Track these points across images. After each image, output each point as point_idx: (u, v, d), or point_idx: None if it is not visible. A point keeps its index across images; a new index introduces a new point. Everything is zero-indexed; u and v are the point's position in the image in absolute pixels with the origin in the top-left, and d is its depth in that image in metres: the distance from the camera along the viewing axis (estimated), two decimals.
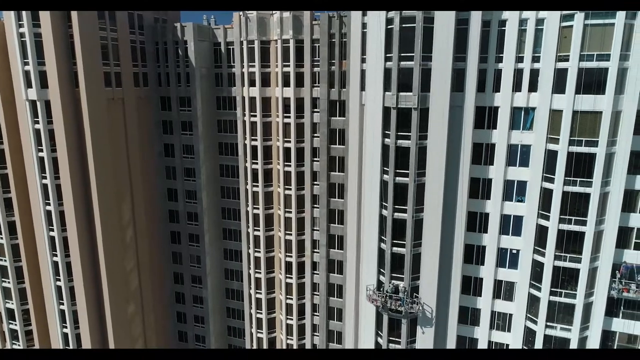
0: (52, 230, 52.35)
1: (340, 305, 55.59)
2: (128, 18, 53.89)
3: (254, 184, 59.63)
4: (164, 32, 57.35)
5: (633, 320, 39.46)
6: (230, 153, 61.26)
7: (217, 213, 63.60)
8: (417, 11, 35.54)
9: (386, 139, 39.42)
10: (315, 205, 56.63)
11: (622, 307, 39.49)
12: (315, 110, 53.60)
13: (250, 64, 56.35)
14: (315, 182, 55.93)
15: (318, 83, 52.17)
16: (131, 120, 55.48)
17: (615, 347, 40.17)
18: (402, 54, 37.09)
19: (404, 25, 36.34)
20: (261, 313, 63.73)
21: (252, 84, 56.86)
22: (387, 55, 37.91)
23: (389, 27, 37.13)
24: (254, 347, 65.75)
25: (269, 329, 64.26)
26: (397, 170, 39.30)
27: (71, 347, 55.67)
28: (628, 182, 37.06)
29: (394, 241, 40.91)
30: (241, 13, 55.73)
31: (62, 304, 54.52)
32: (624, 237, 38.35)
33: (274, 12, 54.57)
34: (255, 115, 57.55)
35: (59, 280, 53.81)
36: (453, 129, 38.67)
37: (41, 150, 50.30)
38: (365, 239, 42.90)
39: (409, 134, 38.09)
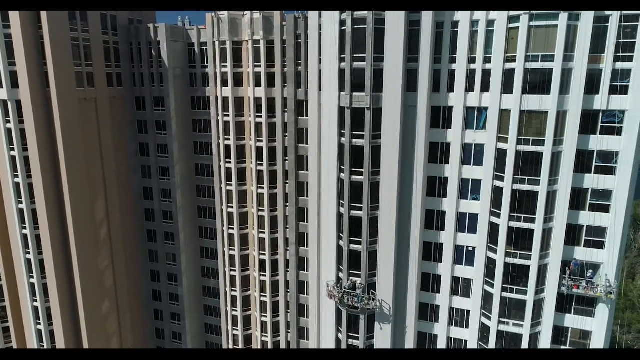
0: (25, 228, 53.38)
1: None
2: (101, 19, 54.85)
3: (228, 182, 60.65)
4: (138, 32, 58.37)
5: (584, 317, 40.34)
6: (205, 152, 62.28)
7: (193, 212, 64.63)
8: (368, 12, 36.49)
9: (342, 138, 40.40)
10: (287, 204, 57.59)
11: (573, 304, 40.36)
12: (286, 110, 54.59)
13: (222, 64, 57.34)
14: (286, 181, 56.90)
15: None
16: (104, 119, 56.45)
17: (567, 342, 41.04)
18: (355, 55, 38.07)
19: (356, 27, 37.32)
20: (236, 311, 64.75)
21: (224, 84, 57.85)
22: (341, 56, 38.87)
23: (342, 28, 38.11)
24: (230, 344, 66.76)
25: (244, 326, 65.28)
26: (353, 169, 40.28)
27: (45, 343, 56.68)
28: (576, 181, 37.94)
29: (351, 238, 41.88)
30: (213, 14, 56.77)
31: (36, 301, 55.56)
32: (574, 235, 39.23)
33: (245, 12, 55.57)
34: (228, 115, 58.56)
35: (32, 277, 54.87)
36: (407, 128, 39.61)
37: (13, 149, 51.33)
38: (324, 236, 43.88)
39: (363, 133, 39.05)
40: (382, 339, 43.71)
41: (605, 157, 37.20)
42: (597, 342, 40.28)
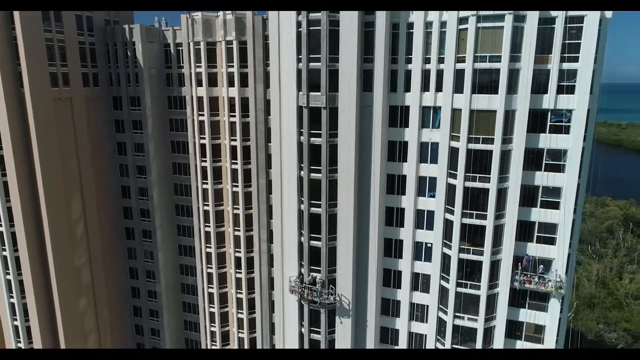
0: (1, 226, 54.60)
1: None
2: (76, 20, 56.05)
3: (204, 181, 61.81)
4: (114, 33, 59.59)
5: (538, 311, 41.40)
6: (182, 151, 63.48)
7: (170, 210, 65.84)
8: (322, 14, 37.63)
9: (300, 137, 41.56)
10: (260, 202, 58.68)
11: (527, 298, 41.43)
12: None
13: (197, 64, 58.50)
14: (262, 180, 57.98)
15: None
16: (80, 119, 57.64)
17: (522, 337, 42.12)
18: (311, 56, 39.22)
19: (311, 28, 38.46)
20: (214, 307, 65.88)
21: (199, 84, 59.00)
22: (298, 56, 40.00)
23: (298, 29, 39.25)
24: (208, 341, 67.86)
25: (222, 323, 66.42)
26: (311, 167, 41.43)
27: (21, 339, 57.91)
28: (527, 178, 39.02)
29: (311, 235, 43.03)
30: (188, 14, 57.92)
31: (12, 297, 56.79)
32: (526, 231, 40.30)
33: (218, 13, 56.73)
34: (203, 115, 59.72)
35: (9, 274, 56.08)
36: (364, 127, 40.74)
37: None
38: (287, 233, 45.02)
39: (320, 132, 40.20)
40: (343, 333, 44.86)
41: (555, 155, 38.28)
42: (550, 336, 41.35)
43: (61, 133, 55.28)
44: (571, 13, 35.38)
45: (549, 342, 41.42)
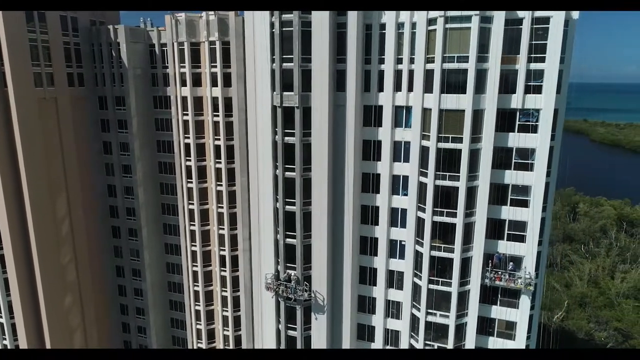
0: None
1: None
2: (61, 20, 56.84)
3: (188, 180, 62.59)
4: (99, 34, 60.40)
5: (509, 308, 42.11)
6: (168, 150, 64.27)
7: (157, 208, 66.62)
8: (294, 15, 38.39)
9: (275, 136, 42.31)
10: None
11: (499, 295, 42.13)
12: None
13: (181, 64, 59.26)
14: (243, 179, 58.73)
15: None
16: (65, 118, 58.45)
17: (494, 333, 42.83)
18: (284, 56, 39.99)
19: (284, 29, 39.24)
20: (199, 305, 66.64)
21: (183, 84, 59.74)
22: (272, 57, 40.74)
23: (272, 30, 40.00)
24: (194, 339, 68.56)
25: (207, 320, 67.19)
26: (286, 166, 42.21)
27: (7, 337, 58.68)
28: (497, 177, 39.75)
29: (287, 232, 43.80)
30: (171, 15, 58.70)
31: None
32: (497, 229, 41.02)
33: (202, 14, 57.49)
34: (187, 114, 60.48)
35: None
36: (338, 126, 41.51)
37: None
38: (263, 231, 45.76)
39: (294, 131, 40.95)
40: (318, 330, 45.60)
41: (523, 154, 39.00)
42: (521, 332, 42.05)
43: (46, 132, 56.08)
44: (537, 14, 36.11)
45: (520, 338, 42.13)
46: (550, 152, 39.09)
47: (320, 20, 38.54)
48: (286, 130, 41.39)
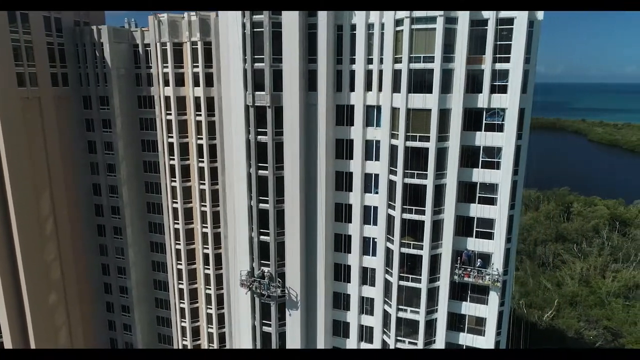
0: None
1: None
2: (44, 21, 57.67)
3: (172, 179, 63.43)
4: (83, 34, 61.23)
5: (479, 304, 42.88)
6: (152, 150, 65.14)
7: (142, 207, 67.46)
8: (264, 16, 39.20)
9: (248, 135, 43.12)
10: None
11: (469, 292, 42.88)
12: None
13: (164, 64, 60.08)
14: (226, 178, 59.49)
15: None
16: (49, 118, 59.31)
17: (465, 329, 43.59)
18: (255, 56, 40.82)
19: (255, 30, 40.04)
20: (184, 303, 67.45)
21: (167, 83, 60.56)
22: (244, 57, 41.54)
23: (244, 30, 40.78)
24: (179, 336, 69.35)
25: (192, 318, 68.01)
26: (259, 164, 43.06)
27: None
28: (465, 175, 40.51)
29: (261, 230, 44.63)
30: (154, 15, 59.52)
31: None
32: (466, 226, 41.79)
33: (184, 14, 58.33)
34: (170, 114, 61.31)
35: None
36: (310, 125, 42.31)
37: None
38: (238, 228, 46.57)
39: (266, 130, 41.77)
40: (292, 326, 46.40)
41: (490, 153, 39.76)
42: (491, 328, 42.80)
43: (29, 131, 56.88)
44: (502, 15, 36.89)
45: (490, 334, 42.89)
46: (518, 151, 39.83)
47: (290, 21, 39.36)
48: (259, 129, 42.25)
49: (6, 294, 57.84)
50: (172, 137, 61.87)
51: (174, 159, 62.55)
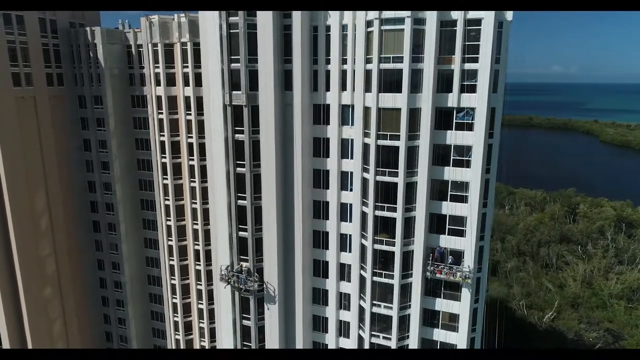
0: None
1: None
2: (39, 23, 59.70)
3: (164, 177, 65.09)
4: (77, 35, 63.17)
5: (452, 301, 43.57)
6: (145, 148, 66.92)
7: (135, 204, 69.28)
8: (239, 17, 40.43)
9: (227, 133, 44.40)
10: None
11: (442, 288, 43.60)
12: None
13: (155, 65, 61.78)
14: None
15: None
16: (44, 117, 61.39)
17: (439, 325, 44.31)
18: (232, 57, 42.08)
19: (231, 31, 41.29)
20: (176, 298, 69.10)
21: (158, 83, 62.22)
22: (222, 57, 42.80)
23: (221, 32, 42.04)
24: (172, 331, 70.94)
25: (184, 313, 69.66)
26: (237, 162, 44.35)
27: None
28: (437, 173, 41.28)
29: (239, 226, 45.92)
30: (146, 17, 61.23)
31: None
32: (439, 224, 42.53)
33: (174, 16, 59.90)
34: (162, 113, 62.97)
35: None
36: (287, 124, 43.43)
37: None
38: (219, 224, 47.88)
39: (243, 128, 43.02)
40: (271, 320, 47.59)
41: (461, 151, 40.47)
42: (464, 325, 43.46)
43: (25, 130, 59.01)
44: (470, 16, 37.61)
45: (463, 330, 43.54)
46: (489, 150, 40.48)
47: (265, 22, 40.55)
48: (236, 128, 43.54)
49: (2, 288, 60.04)
50: (163, 135, 63.54)
51: (165, 157, 64.18)
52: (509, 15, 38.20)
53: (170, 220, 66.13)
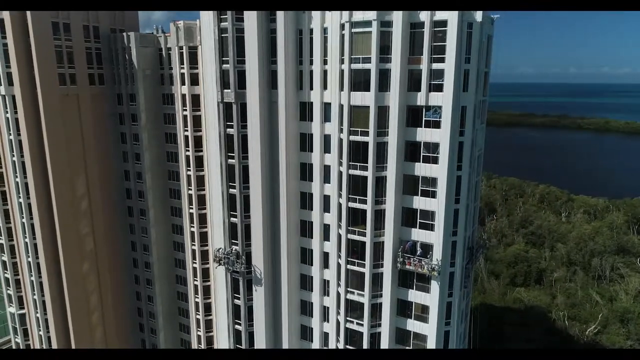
0: (20, 197, 68.37)
1: None
2: (83, 29, 68.28)
3: (187, 168, 71.58)
4: (116, 40, 71.24)
5: (423, 292, 45.23)
6: (173, 142, 73.88)
7: (164, 192, 76.59)
8: (229, 23, 44.94)
9: (220, 128, 49.13)
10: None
11: (415, 280, 45.41)
12: None
13: (181, 66, 68.26)
14: None
15: None
16: (86, 112, 70.00)
17: (412, 315, 46.13)
18: (223, 58, 46.68)
19: (222, 35, 45.90)
20: (197, 281, 75.48)
21: (183, 83, 68.70)
22: (215, 59, 47.56)
23: (214, 35, 46.78)
24: (193, 310, 77.43)
25: (204, 294, 75.81)
26: (228, 154, 48.92)
27: (36, 292, 71.52)
28: (408, 168, 43.26)
29: (231, 212, 50.50)
30: (174, 22, 67.93)
31: (29, 256, 70.54)
32: (410, 217, 44.43)
33: (197, 21, 65.90)
34: (186, 110, 69.43)
35: (26, 238, 69.87)
36: (273, 120, 47.38)
37: (10, 134, 66.30)
38: (214, 210, 52.79)
39: (233, 123, 47.55)
40: (258, 300, 51.74)
41: (430, 148, 42.17)
42: (433, 316, 45.00)
43: (68, 123, 67.77)
44: (436, 17, 39.36)
45: (433, 321, 45.09)
46: (460, 147, 41.89)
47: (251, 26, 44.80)
48: (227, 123, 48.20)
49: (47, 262, 69.37)
50: (187, 130, 69.88)
51: (189, 150, 70.52)
52: (479, 16, 39.46)
53: (192, 208, 72.43)
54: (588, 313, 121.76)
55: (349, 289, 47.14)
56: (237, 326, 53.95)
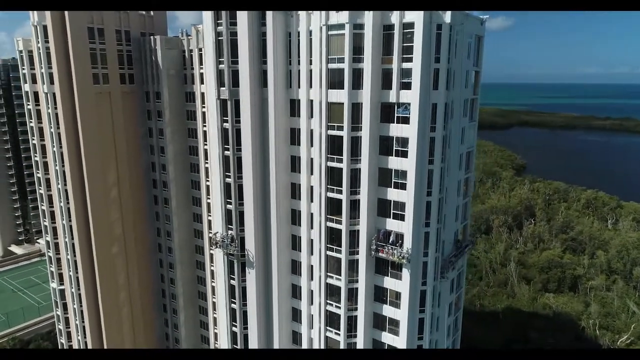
0: (59, 184, 77.09)
1: None
2: (116, 33, 75.99)
3: (205, 161, 77.70)
4: (145, 42, 78.53)
5: (396, 279, 47.87)
6: (194, 137, 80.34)
7: (186, 183, 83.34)
8: (224, 27, 49.70)
9: (218, 122, 54.07)
10: None
11: (390, 268, 48.15)
12: None
13: (200, 66, 74.37)
14: None
15: None
16: (117, 108, 77.75)
17: (387, 302, 48.87)
18: (219, 59, 51.56)
19: (218, 38, 50.77)
20: (214, 266, 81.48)
21: (202, 82, 74.74)
22: (214, 59, 52.58)
23: (212, 38, 51.77)
24: (210, 293, 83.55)
25: None
26: (225, 146, 53.79)
27: (72, 269, 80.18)
28: (383, 162, 46.16)
29: (227, 200, 55.34)
30: (194, 26, 74.12)
31: (66, 238, 79.26)
32: (384, 208, 47.26)
33: None
34: (204, 107, 75.48)
35: (63, 221, 78.54)
36: (265, 116, 51.74)
37: (51, 127, 75.05)
38: (214, 198, 57.83)
39: (228, 118, 52.36)
40: (251, 282, 56.25)
41: (401, 143, 44.85)
42: (404, 302, 47.56)
43: (101, 118, 75.66)
44: (405, 19, 42.12)
45: (404, 307, 47.65)
46: (432, 143, 44.37)
47: (242, 29, 49.36)
48: (223, 118, 53.12)
49: (80, 244, 77.69)
50: (205, 126, 75.91)
51: (207, 145, 76.52)
52: (447, 17, 41.79)
53: (210, 198, 78.41)
54: (622, 323, 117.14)
55: (328, 274, 50.65)
56: (232, 305, 58.89)
